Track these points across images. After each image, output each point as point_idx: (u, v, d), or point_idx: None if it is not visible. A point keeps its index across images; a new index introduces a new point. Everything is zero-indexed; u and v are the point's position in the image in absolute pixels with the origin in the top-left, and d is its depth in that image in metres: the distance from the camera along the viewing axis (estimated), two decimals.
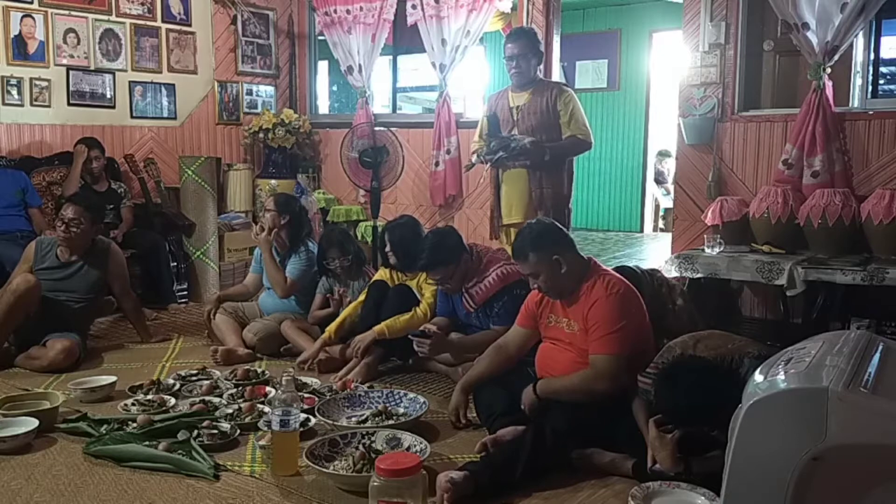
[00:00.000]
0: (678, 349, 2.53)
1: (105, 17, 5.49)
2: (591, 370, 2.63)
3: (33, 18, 5.15)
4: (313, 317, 4.10)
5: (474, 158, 4.16)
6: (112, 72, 5.56)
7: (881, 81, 4.45)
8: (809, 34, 4.09)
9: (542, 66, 4.21)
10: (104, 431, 2.78)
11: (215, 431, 2.76)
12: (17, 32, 5.07)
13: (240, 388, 3.29)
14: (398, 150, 5.03)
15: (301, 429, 2.64)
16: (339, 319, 3.78)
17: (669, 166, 7.97)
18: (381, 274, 3.91)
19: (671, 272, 4.12)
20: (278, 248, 4.18)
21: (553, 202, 3.96)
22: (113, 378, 3.34)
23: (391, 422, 2.85)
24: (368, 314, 3.70)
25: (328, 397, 3.13)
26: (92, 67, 5.45)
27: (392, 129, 5.47)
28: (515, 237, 2.99)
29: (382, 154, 5.01)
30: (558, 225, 2.89)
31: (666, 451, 2.29)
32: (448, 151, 5.60)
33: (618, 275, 2.83)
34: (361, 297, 3.82)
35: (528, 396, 2.74)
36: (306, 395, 3.15)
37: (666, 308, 3.05)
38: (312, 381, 3.41)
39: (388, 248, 3.78)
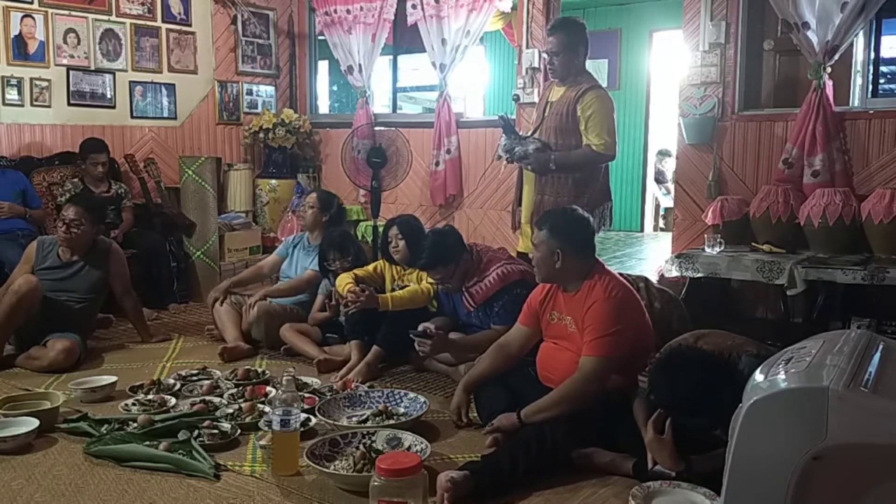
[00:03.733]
0: (679, 345, 2.54)
1: (105, 17, 5.49)
2: (578, 373, 2.64)
3: (33, 18, 5.14)
4: (313, 318, 4.10)
5: (499, 150, 4.05)
6: (112, 72, 5.56)
7: (881, 81, 4.45)
8: (810, 33, 4.09)
9: (586, 58, 3.76)
10: (105, 431, 2.78)
11: (216, 431, 2.76)
12: (17, 32, 5.07)
13: (240, 387, 3.29)
14: (406, 148, 5.01)
15: (301, 428, 2.65)
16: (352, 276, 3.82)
17: (669, 166, 7.96)
18: (373, 266, 3.92)
19: (671, 272, 4.13)
20: (310, 240, 4.31)
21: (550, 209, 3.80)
22: (113, 378, 3.34)
23: (392, 421, 2.85)
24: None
25: (328, 397, 3.13)
26: (92, 67, 5.45)
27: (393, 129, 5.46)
28: (552, 210, 3.04)
29: (390, 153, 5.00)
30: (588, 226, 2.85)
31: (665, 452, 2.29)
32: (448, 151, 5.60)
33: (620, 278, 2.84)
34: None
35: (508, 420, 2.67)
36: (307, 395, 3.15)
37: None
38: (313, 380, 3.42)
39: (398, 237, 3.79)
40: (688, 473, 2.26)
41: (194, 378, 3.47)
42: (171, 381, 3.38)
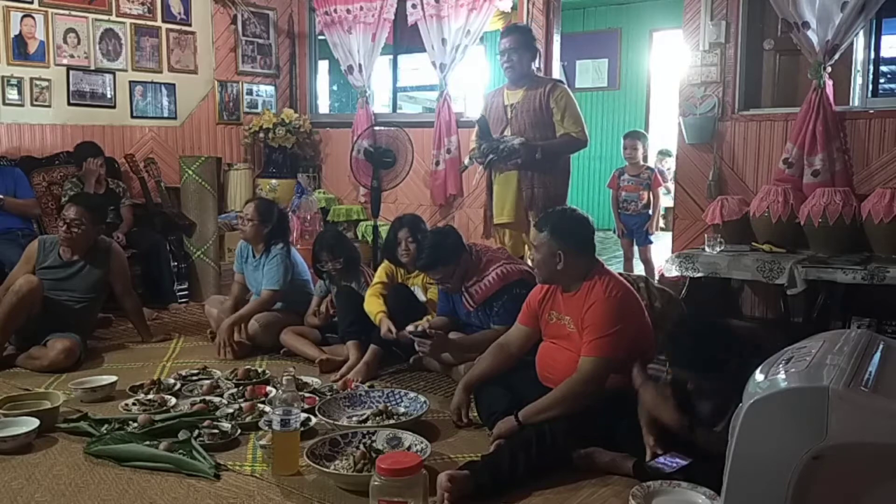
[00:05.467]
0: (692, 315, 2.60)
1: (105, 17, 5.49)
2: (577, 373, 2.65)
3: (33, 18, 5.15)
4: (308, 322, 4.08)
5: (466, 161, 4.18)
6: (112, 72, 5.56)
7: (881, 80, 4.45)
8: (810, 33, 4.09)
9: (537, 64, 4.19)
10: (105, 431, 2.78)
11: (216, 431, 2.76)
12: (17, 32, 5.07)
13: (240, 387, 3.30)
14: (409, 148, 5.00)
15: (302, 428, 2.65)
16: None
17: (670, 165, 7.96)
18: (383, 270, 3.88)
19: (671, 271, 4.13)
20: (255, 253, 4.16)
21: (544, 202, 3.90)
22: (114, 378, 3.34)
23: (392, 421, 2.85)
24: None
25: (329, 397, 3.13)
26: (92, 67, 5.45)
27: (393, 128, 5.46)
28: (552, 210, 3.03)
29: (396, 153, 4.98)
30: (590, 228, 2.86)
31: (667, 406, 2.33)
32: (448, 151, 5.60)
33: (619, 277, 2.83)
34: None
35: (507, 425, 2.66)
36: (307, 395, 3.15)
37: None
38: (313, 380, 3.42)
39: (409, 241, 3.72)
40: (689, 433, 2.31)
41: (194, 378, 3.47)
42: (172, 381, 3.38)
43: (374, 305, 3.67)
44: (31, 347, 3.71)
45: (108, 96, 5.56)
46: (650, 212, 5.37)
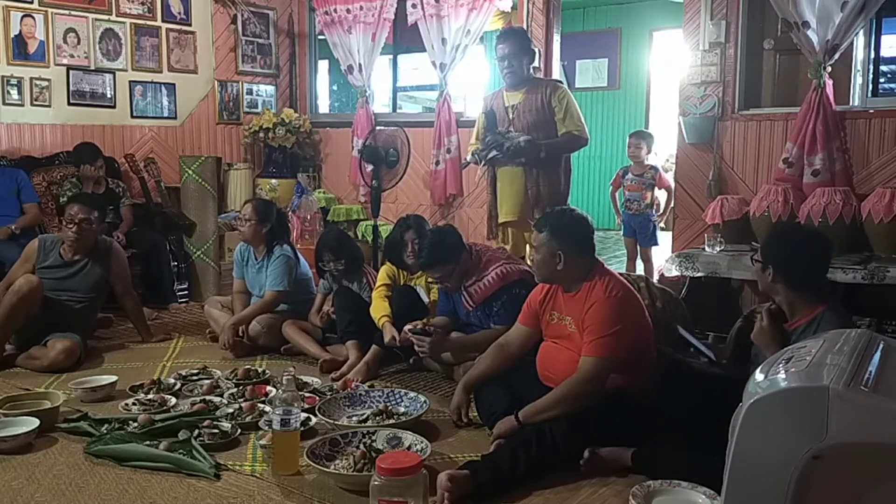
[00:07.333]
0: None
1: (105, 17, 5.49)
2: (577, 373, 2.64)
3: (33, 18, 5.15)
4: (312, 321, 4.08)
5: (469, 157, 4.18)
6: (112, 71, 5.56)
7: (881, 80, 4.44)
8: (810, 33, 4.09)
9: (536, 64, 4.26)
10: (105, 431, 2.78)
11: (216, 431, 2.76)
12: (17, 32, 5.07)
13: (240, 387, 3.30)
14: (406, 146, 5.00)
15: (302, 428, 2.65)
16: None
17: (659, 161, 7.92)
18: (385, 273, 3.88)
19: (671, 271, 4.13)
20: (256, 255, 4.14)
21: (550, 200, 3.93)
22: (114, 378, 3.35)
23: (392, 421, 2.85)
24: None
25: (329, 397, 3.13)
26: (92, 67, 5.45)
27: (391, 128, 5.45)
28: (550, 211, 3.02)
29: (398, 153, 4.97)
30: (589, 228, 2.86)
31: (767, 338, 2.45)
32: (448, 150, 5.60)
33: (620, 277, 2.83)
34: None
35: (507, 425, 2.66)
36: (307, 395, 3.15)
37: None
38: (313, 380, 3.42)
39: (415, 242, 3.68)
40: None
41: (194, 378, 3.47)
42: (172, 381, 3.38)
43: (379, 310, 3.65)
44: (31, 347, 3.71)
45: (108, 96, 5.56)
46: (653, 212, 5.36)
